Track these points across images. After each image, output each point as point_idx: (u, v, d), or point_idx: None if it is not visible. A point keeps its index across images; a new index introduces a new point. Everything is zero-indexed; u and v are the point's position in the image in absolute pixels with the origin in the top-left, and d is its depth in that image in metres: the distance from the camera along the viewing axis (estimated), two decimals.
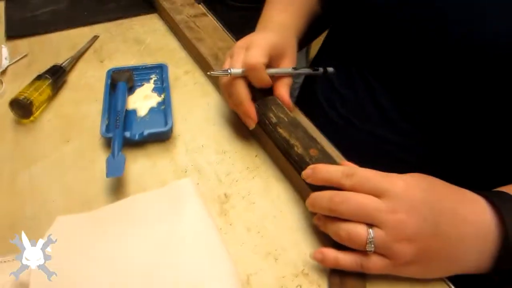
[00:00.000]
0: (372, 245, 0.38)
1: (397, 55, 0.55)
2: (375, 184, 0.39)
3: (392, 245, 0.38)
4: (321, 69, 0.58)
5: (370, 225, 0.39)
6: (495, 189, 0.42)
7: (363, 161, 0.51)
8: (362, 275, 0.41)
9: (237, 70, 0.50)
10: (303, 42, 0.72)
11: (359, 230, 0.38)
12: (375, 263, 0.39)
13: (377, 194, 0.39)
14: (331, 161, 0.46)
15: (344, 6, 0.61)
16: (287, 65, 0.55)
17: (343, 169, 0.41)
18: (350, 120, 0.63)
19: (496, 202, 0.39)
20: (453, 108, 0.52)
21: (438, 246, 0.38)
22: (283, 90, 0.53)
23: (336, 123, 0.64)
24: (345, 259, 0.40)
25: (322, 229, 0.43)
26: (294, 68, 0.55)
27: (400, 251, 0.38)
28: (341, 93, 0.64)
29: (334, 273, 0.42)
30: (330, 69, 0.59)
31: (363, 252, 0.39)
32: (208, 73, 0.51)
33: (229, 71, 0.50)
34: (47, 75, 0.61)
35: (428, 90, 0.54)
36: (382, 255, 0.39)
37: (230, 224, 0.47)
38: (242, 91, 0.51)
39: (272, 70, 0.52)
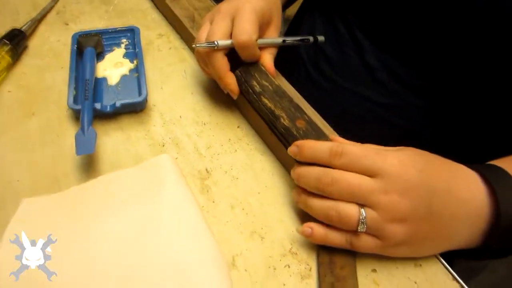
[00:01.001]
0: (364, 226, 0.36)
1: (392, 8, 0.51)
2: (368, 164, 0.36)
3: (384, 226, 0.36)
4: (311, 38, 0.54)
5: (361, 205, 0.36)
6: (488, 163, 0.40)
7: (351, 126, 0.49)
8: (352, 255, 0.40)
9: (225, 42, 0.46)
10: (288, 2, 0.68)
11: (351, 211, 0.36)
12: (365, 242, 0.38)
13: (369, 173, 0.36)
14: (319, 133, 0.43)
15: None
16: (273, 32, 0.51)
17: (331, 147, 0.38)
18: (337, 82, 0.60)
19: (490, 178, 0.37)
20: (448, 71, 0.50)
21: (430, 227, 0.37)
22: (267, 59, 0.49)
23: (321, 85, 0.61)
24: (334, 236, 0.38)
25: (302, 207, 0.40)
26: (284, 40, 0.51)
27: (392, 232, 0.36)
28: (326, 52, 0.61)
29: (323, 252, 0.40)
30: (321, 38, 0.55)
31: (353, 230, 0.37)
32: (193, 45, 0.47)
33: (215, 43, 0.45)
34: (5, 40, 0.56)
35: (421, 51, 0.51)
36: (373, 235, 0.37)
37: (213, 202, 0.44)
38: (221, 63, 0.46)
39: (261, 41, 0.48)
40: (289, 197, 0.45)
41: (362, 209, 0.36)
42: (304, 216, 0.43)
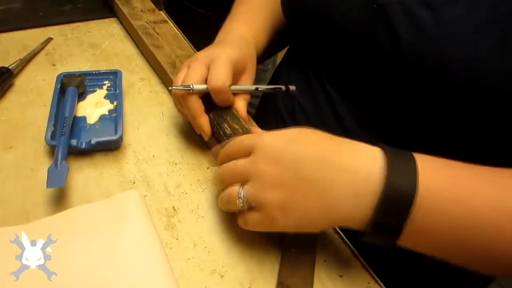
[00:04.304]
0: (242, 201, 0.40)
1: (354, 68, 0.55)
2: (244, 144, 0.41)
3: (259, 195, 0.39)
4: (283, 87, 0.58)
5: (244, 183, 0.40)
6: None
7: None
8: None
9: (200, 86, 0.49)
10: (266, 55, 0.71)
11: (232, 191, 0.41)
12: (252, 219, 0.41)
13: (247, 152, 0.40)
14: None
15: (303, 21, 0.61)
16: (246, 80, 0.54)
17: (225, 142, 0.44)
18: None
19: (389, 152, 0.37)
20: (411, 122, 0.52)
21: (304, 190, 0.37)
22: (240, 104, 0.52)
23: None
24: (238, 220, 0.42)
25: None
26: (257, 88, 0.54)
27: (267, 199, 0.38)
28: (301, 103, 0.64)
29: None
30: (292, 87, 0.59)
31: (241, 210, 0.41)
32: (170, 88, 0.50)
33: (191, 86, 0.48)
34: None
35: (384, 103, 0.54)
36: (257, 210, 0.40)
37: (177, 239, 0.45)
38: (195, 105, 0.49)
39: (234, 87, 0.51)
40: (251, 238, 0.46)
41: (240, 186, 0.40)
42: (265, 255, 0.44)
